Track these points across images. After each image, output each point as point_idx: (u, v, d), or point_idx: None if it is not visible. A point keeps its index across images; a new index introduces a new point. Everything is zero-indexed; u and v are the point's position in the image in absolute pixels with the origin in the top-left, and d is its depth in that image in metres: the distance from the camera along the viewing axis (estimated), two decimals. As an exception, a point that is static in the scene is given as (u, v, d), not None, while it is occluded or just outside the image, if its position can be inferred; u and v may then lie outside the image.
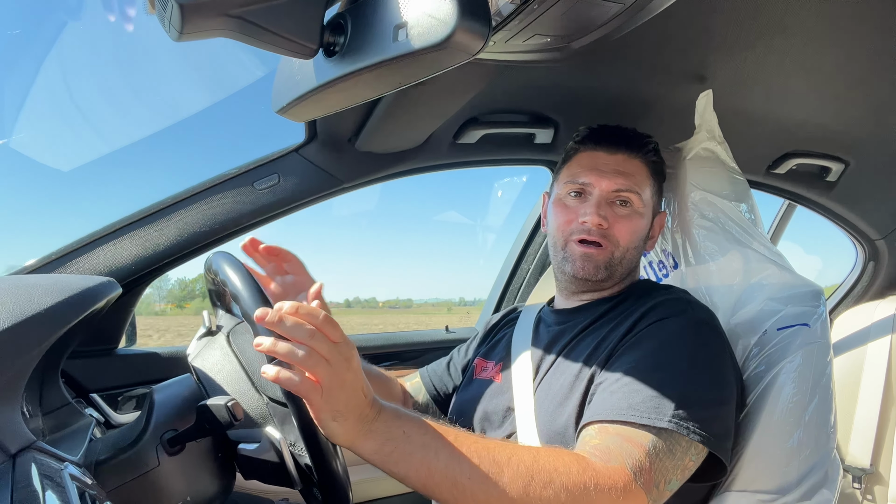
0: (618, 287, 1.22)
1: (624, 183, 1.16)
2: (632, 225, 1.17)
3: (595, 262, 1.16)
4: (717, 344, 1.07)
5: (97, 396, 1.30)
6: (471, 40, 0.55)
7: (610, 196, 1.17)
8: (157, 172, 46.64)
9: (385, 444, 0.79)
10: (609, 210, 1.17)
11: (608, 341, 1.08)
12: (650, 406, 0.93)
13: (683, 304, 1.11)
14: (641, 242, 1.21)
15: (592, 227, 1.15)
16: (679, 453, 0.92)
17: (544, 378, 1.14)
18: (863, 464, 1.73)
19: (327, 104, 0.73)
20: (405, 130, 1.34)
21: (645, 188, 1.19)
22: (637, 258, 1.22)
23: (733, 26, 1.10)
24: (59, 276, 0.90)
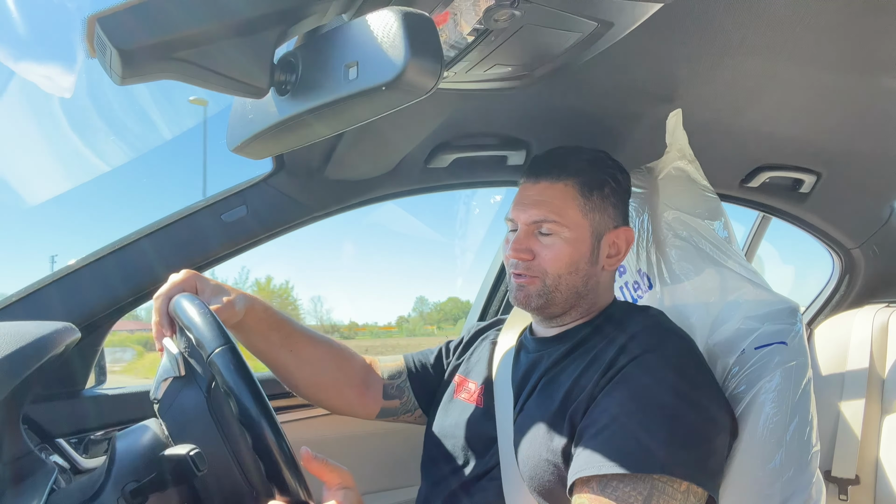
0: (586, 310, 1.22)
1: (538, 214, 1.17)
2: (555, 252, 1.16)
3: (526, 292, 1.18)
4: (699, 375, 1.07)
5: (63, 441, 1.25)
6: (423, 78, 0.54)
7: (530, 228, 1.19)
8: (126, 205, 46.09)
9: None
10: (533, 240, 1.18)
11: (588, 377, 1.07)
12: (641, 454, 0.92)
13: (661, 334, 1.11)
14: (582, 266, 1.18)
15: (516, 262, 1.19)
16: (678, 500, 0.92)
17: (524, 408, 1.14)
18: (848, 474, 1.73)
19: (284, 142, 0.71)
20: (374, 158, 1.32)
21: (568, 211, 1.17)
22: (582, 282, 1.19)
23: (699, 45, 1.10)
24: (13, 325, 0.87)
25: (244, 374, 0.79)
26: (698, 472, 0.94)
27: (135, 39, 0.52)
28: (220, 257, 1.35)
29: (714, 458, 0.98)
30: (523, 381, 1.18)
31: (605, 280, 1.23)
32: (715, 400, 1.05)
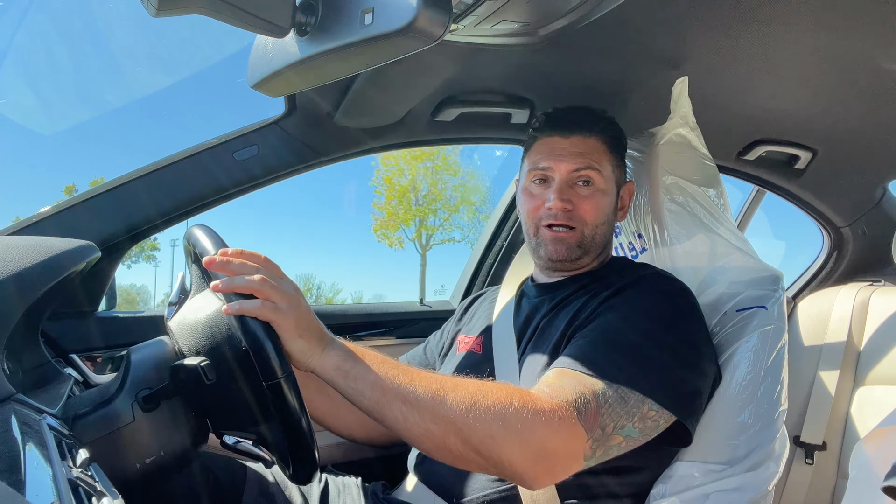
0: (596, 262, 1.27)
1: (582, 162, 1.20)
2: (596, 202, 1.21)
3: (567, 244, 1.21)
4: (688, 313, 1.11)
5: (76, 357, 1.33)
6: (432, 26, 0.59)
7: (571, 178, 1.21)
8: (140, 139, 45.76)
9: (345, 362, 0.88)
10: (572, 192, 1.21)
11: (587, 308, 1.13)
12: (609, 361, 0.98)
13: (658, 278, 1.17)
14: (611, 216, 1.25)
15: (558, 212, 1.20)
16: (632, 403, 0.96)
17: (528, 348, 1.19)
18: (816, 440, 1.80)
19: (300, 81, 0.76)
20: (383, 107, 1.36)
21: (604, 164, 1.22)
22: (609, 232, 1.26)
23: (706, 12, 1.13)
24: (40, 238, 0.93)
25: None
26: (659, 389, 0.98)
27: (171, -26, 0.57)
28: (231, 194, 1.40)
29: (679, 383, 1.02)
30: (525, 325, 1.23)
31: (613, 230, 1.31)
32: (696, 337, 1.10)
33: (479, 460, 0.88)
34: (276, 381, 0.82)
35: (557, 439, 0.89)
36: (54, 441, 0.63)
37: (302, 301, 0.89)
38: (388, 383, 0.87)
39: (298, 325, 0.86)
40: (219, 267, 0.87)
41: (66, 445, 0.66)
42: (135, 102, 18.25)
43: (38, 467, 0.52)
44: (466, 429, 0.86)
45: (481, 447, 0.87)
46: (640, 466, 1.12)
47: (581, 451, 0.92)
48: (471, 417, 0.86)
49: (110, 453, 0.86)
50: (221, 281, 0.86)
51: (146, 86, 15.39)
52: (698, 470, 1.16)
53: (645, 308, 1.09)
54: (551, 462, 0.90)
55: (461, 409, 0.87)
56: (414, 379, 0.89)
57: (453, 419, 0.86)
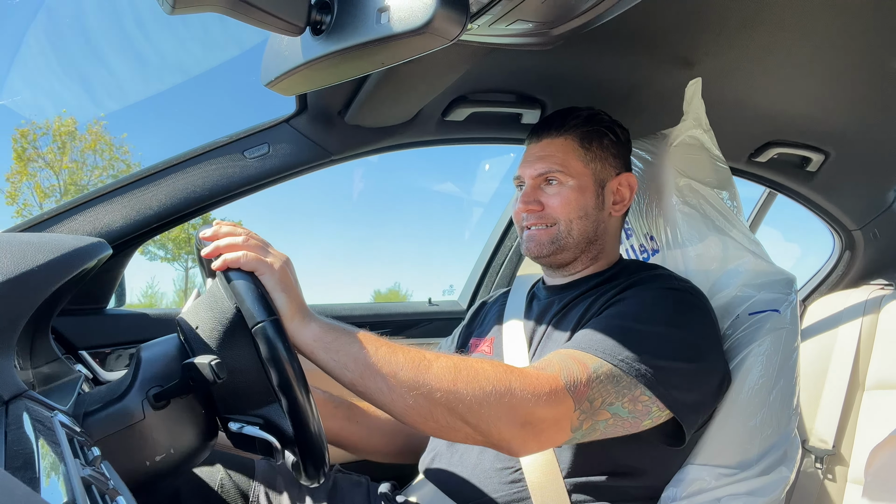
0: (592, 258, 1.27)
1: (543, 166, 1.24)
2: (563, 198, 1.23)
3: (538, 240, 1.25)
4: (696, 310, 1.11)
5: (86, 354, 1.33)
6: (449, 26, 0.58)
7: (537, 182, 1.26)
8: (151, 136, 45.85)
9: (326, 334, 0.88)
10: (539, 193, 1.25)
11: (596, 305, 1.14)
12: (607, 345, 0.99)
13: (668, 278, 1.17)
14: (591, 211, 1.25)
15: (527, 215, 1.26)
16: (624, 384, 0.96)
17: (538, 349, 1.19)
18: (825, 445, 1.79)
19: (313, 80, 0.76)
20: (393, 106, 1.36)
21: (572, 161, 1.24)
22: (591, 227, 1.25)
23: (720, 13, 1.12)
24: (52, 235, 0.93)
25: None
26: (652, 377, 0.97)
27: (188, -28, 0.56)
28: (241, 192, 1.40)
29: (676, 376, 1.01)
30: (535, 326, 1.24)
31: (612, 228, 1.30)
32: (703, 335, 1.09)
33: (465, 429, 0.88)
34: (261, 324, 0.83)
35: (544, 407, 0.89)
36: (66, 438, 0.62)
37: (287, 262, 0.91)
38: (371, 356, 0.87)
39: (282, 279, 0.88)
40: (209, 235, 0.91)
41: (78, 443, 0.66)
42: (148, 99, 18.35)
43: (52, 465, 0.52)
44: (452, 398, 0.86)
45: (468, 415, 0.87)
46: (646, 468, 1.11)
47: (568, 421, 0.92)
48: (457, 386, 0.86)
49: (120, 451, 0.86)
50: (207, 232, 0.91)
51: (158, 83, 15.44)
52: (709, 474, 1.15)
53: (651, 301, 1.09)
54: (538, 430, 0.90)
55: (447, 380, 0.87)
56: (397, 351, 0.89)
57: (438, 389, 0.86)
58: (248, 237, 0.90)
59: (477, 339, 1.36)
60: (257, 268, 0.87)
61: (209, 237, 0.91)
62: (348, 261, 49.67)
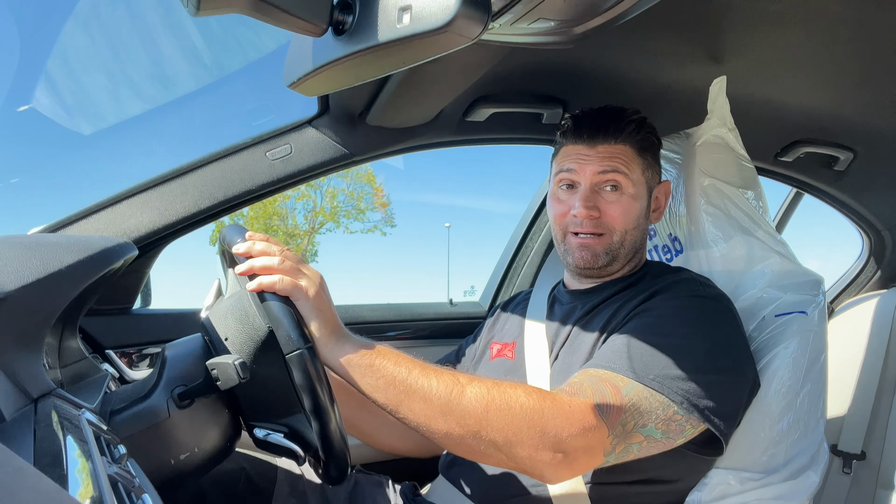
0: (628, 267, 1.25)
1: (609, 165, 1.18)
2: (623, 208, 1.18)
3: (593, 250, 1.19)
4: (723, 317, 1.09)
5: (112, 353, 1.35)
6: (470, 25, 0.58)
7: (597, 183, 1.19)
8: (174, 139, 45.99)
9: (361, 356, 0.88)
10: (598, 198, 1.19)
11: (621, 313, 1.11)
12: (636, 360, 0.97)
13: (694, 284, 1.14)
14: (641, 221, 1.22)
15: (583, 220, 1.18)
16: (656, 405, 0.94)
17: (560, 354, 1.18)
18: (854, 449, 1.76)
19: (336, 80, 0.76)
20: (415, 106, 1.36)
21: (633, 167, 1.19)
22: (640, 237, 1.23)
23: (747, 10, 1.11)
24: (80, 236, 0.95)
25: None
26: (686, 395, 0.95)
27: (212, -26, 0.57)
28: (263, 193, 1.41)
29: (712, 391, 0.98)
30: (557, 331, 1.22)
31: (646, 234, 1.28)
32: (731, 343, 1.07)
33: (498, 455, 0.88)
34: (297, 352, 0.83)
35: (578, 435, 0.88)
36: (93, 436, 0.63)
37: (322, 284, 0.91)
38: (405, 380, 0.87)
39: (317, 304, 0.88)
40: (242, 251, 0.90)
41: (105, 441, 0.67)
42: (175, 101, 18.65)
43: (79, 462, 0.53)
44: (485, 425, 0.86)
45: (500, 443, 0.86)
46: (678, 477, 1.10)
47: (601, 446, 0.91)
48: (489, 415, 0.86)
49: (145, 449, 0.87)
50: (243, 264, 0.89)
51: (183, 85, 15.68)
52: (735, 478, 1.13)
53: (678, 311, 1.06)
54: (571, 458, 0.89)
55: (479, 407, 0.86)
56: (430, 375, 0.88)
57: (472, 416, 0.86)
58: (283, 257, 0.89)
59: (498, 343, 1.34)
60: (293, 293, 0.87)
61: (242, 253, 0.90)
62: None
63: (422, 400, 0.87)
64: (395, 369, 0.88)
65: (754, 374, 1.12)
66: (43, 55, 2.18)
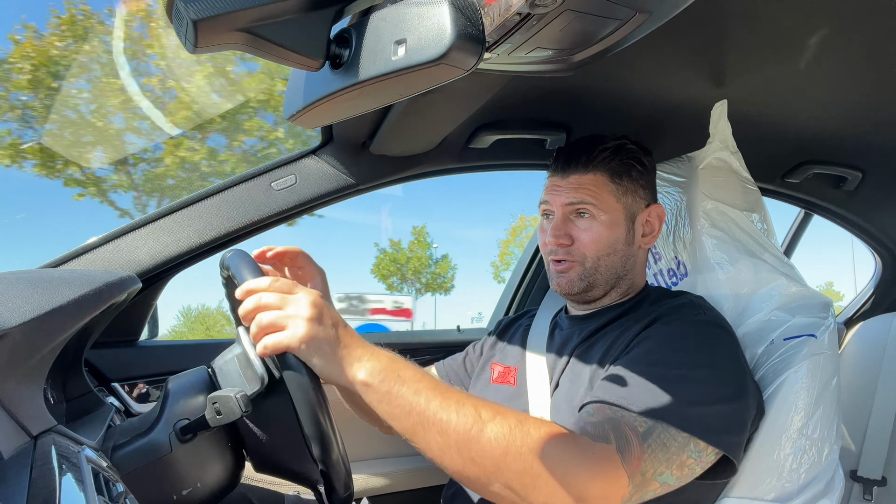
0: (622, 291, 1.24)
1: (575, 196, 1.19)
2: (593, 235, 1.19)
3: (567, 277, 1.21)
4: (723, 343, 1.08)
5: (118, 386, 1.35)
6: (465, 57, 0.58)
7: (566, 212, 1.21)
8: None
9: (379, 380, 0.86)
10: (570, 226, 1.21)
11: (621, 341, 1.10)
12: (648, 398, 0.95)
13: (694, 308, 1.13)
14: (620, 246, 1.21)
15: (556, 248, 1.21)
16: (674, 449, 0.93)
17: (560, 382, 1.17)
18: (875, 475, 1.72)
19: (334, 112, 0.76)
20: (417, 135, 1.37)
21: (603, 195, 1.19)
22: (620, 262, 1.22)
23: (748, 33, 1.11)
24: (83, 270, 0.95)
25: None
26: (704, 428, 0.95)
27: (209, 13, 0.58)
28: (268, 223, 1.42)
29: (723, 419, 0.98)
30: (557, 357, 1.21)
31: (640, 259, 1.27)
32: (736, 370, 1.06)
33: (512, 498, 0.86)
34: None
35: (599, 483, 0.86)
36: (91, 474, 0.63)
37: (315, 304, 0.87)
38: (423, 411, 0.85)
39: (310, 344, 0.85)
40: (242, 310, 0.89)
41: (104, 478, 0.66)
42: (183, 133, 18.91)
43: (74, 502, 0.53)
44: (503, 468, 0.84)
45: (519, 487, 0.84)
46: None
47: (620, 495, 0.89)
48: (509, 457, 0.84)
49: (148, 485, 0.87)
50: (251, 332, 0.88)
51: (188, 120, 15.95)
52: (747, 506, 1.11)
53: (680, 341, 1.05)
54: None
55: (499, 448, 0.84)
56: (451, 408, 0.85)
57: (489, 457, 0.84)
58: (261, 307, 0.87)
59: (500, 365, 1.34)
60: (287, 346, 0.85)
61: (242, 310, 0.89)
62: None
63: (438, 433, 0.84)
64: (413, 399, 0.85)
65: (758, 397, 1.11)
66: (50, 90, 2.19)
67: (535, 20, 0.75)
